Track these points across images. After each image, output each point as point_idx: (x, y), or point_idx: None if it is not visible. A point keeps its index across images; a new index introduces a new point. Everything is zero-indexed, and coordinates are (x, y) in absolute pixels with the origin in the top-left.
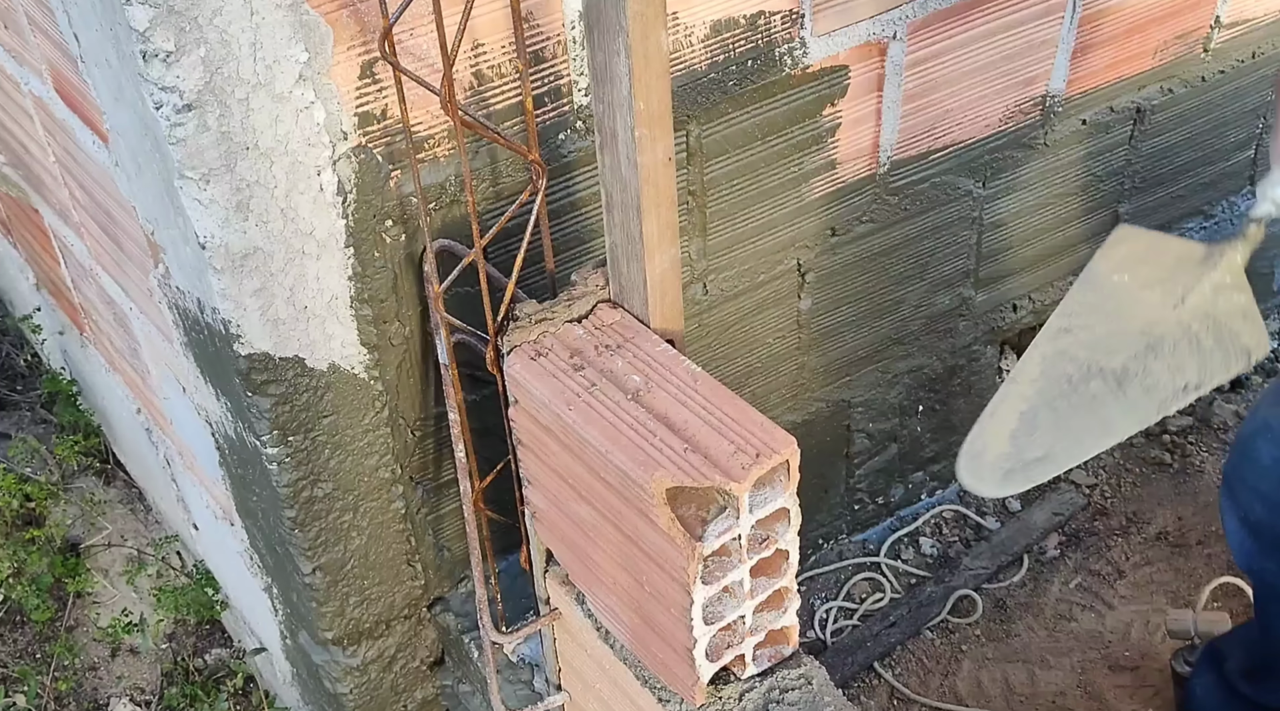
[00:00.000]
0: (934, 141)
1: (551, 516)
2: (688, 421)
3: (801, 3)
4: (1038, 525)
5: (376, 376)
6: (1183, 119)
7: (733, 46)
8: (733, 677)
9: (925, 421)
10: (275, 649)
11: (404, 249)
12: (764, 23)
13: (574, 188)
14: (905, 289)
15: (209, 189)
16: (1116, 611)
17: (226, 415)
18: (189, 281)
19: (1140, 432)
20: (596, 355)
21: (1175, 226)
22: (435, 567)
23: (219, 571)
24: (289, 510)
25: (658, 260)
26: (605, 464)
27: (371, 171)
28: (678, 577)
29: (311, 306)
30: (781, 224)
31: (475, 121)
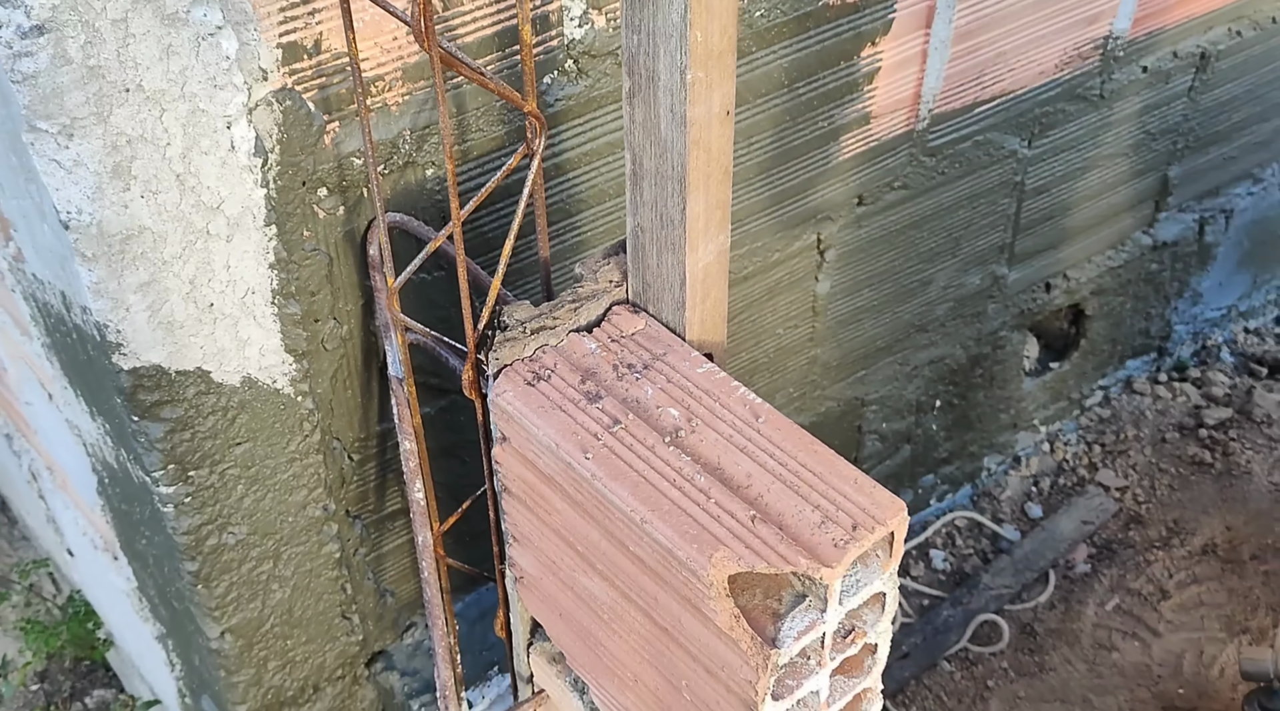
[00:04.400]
0: (981, 91)
1: (546, 586)
2: (751, 476)
3: None
4: (1064, 535)
5: (305, 391)
6: (1246, 67)
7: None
8: None
9: (941, 418)
10: (172, 703)
11: (342, 226)
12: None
13: (562, 146)
14: (935, 267)
15: (72, 146)
16: (1164, 639)
17: (105, 439)
18: (49, 270)
19: (1173, 425)
20: (617, 379)
21: (1223, 191)
22: (376, 617)
23: (101, 606)
24: (189, 563)
25: (701, 250)
26: (638, 535)
27: (300, 123)
28: (738, 691)
29: (219, 304)
30: (803, 190)
31: (459, 60)
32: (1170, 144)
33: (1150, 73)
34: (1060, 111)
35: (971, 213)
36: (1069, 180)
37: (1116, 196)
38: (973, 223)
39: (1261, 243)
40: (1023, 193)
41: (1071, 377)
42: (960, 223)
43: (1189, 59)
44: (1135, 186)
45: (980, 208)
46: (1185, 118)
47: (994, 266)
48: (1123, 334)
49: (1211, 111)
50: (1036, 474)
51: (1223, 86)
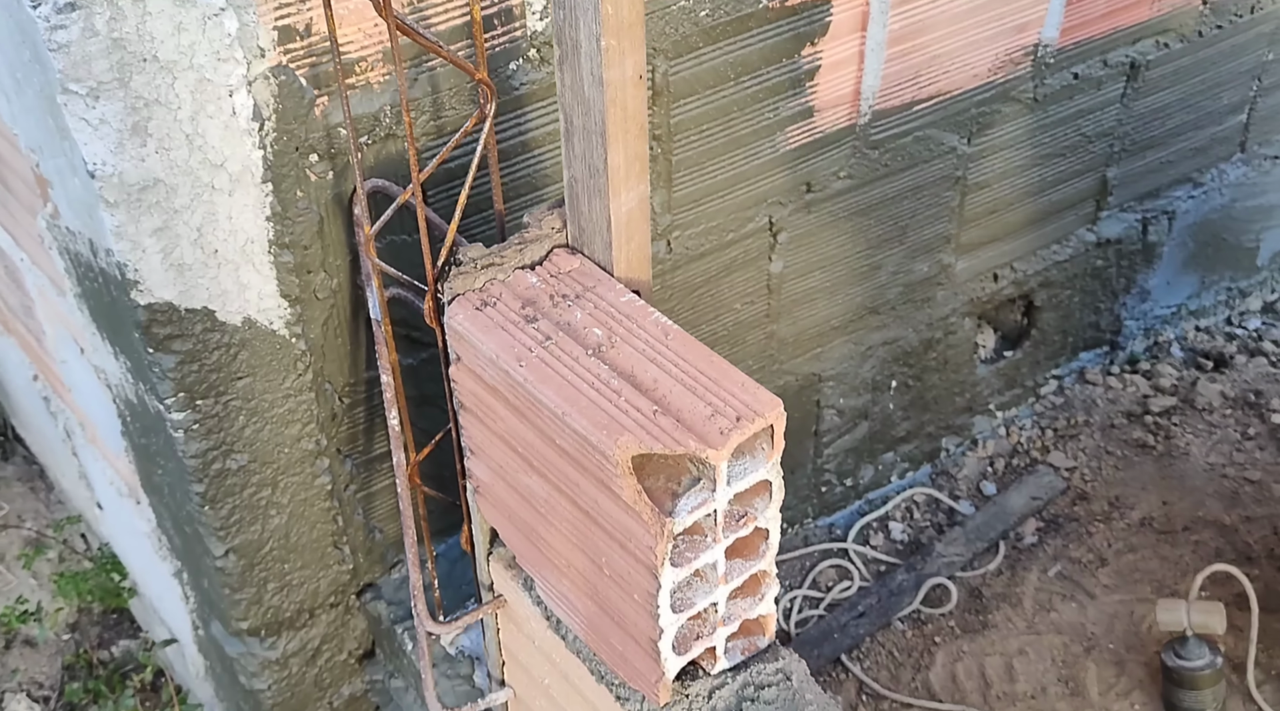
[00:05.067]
0: (919, 91)
1: (497, 491)
2: (657, 380)
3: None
4: (1015, 510)
5: (299, 334)
6: (1177, 77)
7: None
8: (701, 672)
9: (898, 398)
10: (187, 640)
11: (331, 188)
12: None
13: (527, 125)
14: (883, 253)
15: (98, 107)
16: (1099, 601)
17: (126, 376)
18: (79, 220)
19: (1122, 412)
20: (552, 306)
21: (1164, 193)
22: (365, 551)
23: (125, 555)
24: (198, 485)
25: (624, 197)
26: (561, 428)
27: (294, 96)
28: (643, 559)
29: (223, 250)
30: (754, 176)
31: (413, 29)
32: (1107, 147)
33: (1082, 79)
34: (996, 112)
35: (916, 203)
36: (1009, 177)
37: (1058, 194)
38: (918, 213)
39: (1206, 245)
40: (965, 187)
41: (1025, 366)
42: (906, 212)
43: (1119, 68)
44: (1075, 185)
45: (924, 199)
46: (1120, 122)
47: (941, 255)
48: (1073, 326)
49: (1145, 117)
50: (992, 455)
51: (1154, 94)
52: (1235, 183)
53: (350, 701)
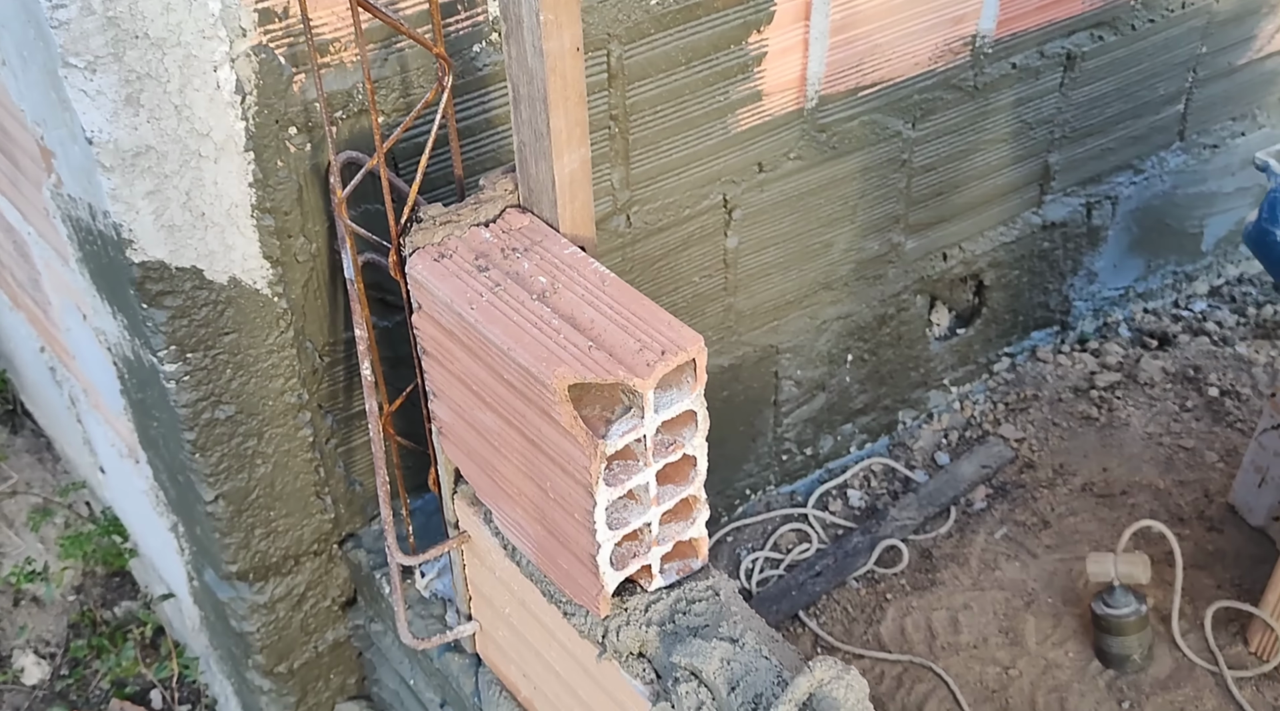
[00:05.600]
0: (862, 77)
1: (458, 429)
2: (594, 321)
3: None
4: (965, 478)
5: (281, 293)
6: (1113, 68)
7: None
8: (639, 589)
9: (854, 371)
10: (183, 593)
11: (309, 159)
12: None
13: (489, 104)
14: (834, 231)
15: (95, 79)
16: (1040, 560)
17: (123, 334)
18: (79, 186)
19: (1069, 388)
20: (503, 258)
21: (1105, 179)
22: (347, 502)
23: (126, 516)
24: (189, 433)
25: (566, 159)
26: (507, 363)
27: (273, 73)
28: (580, 479)
29: (210, 213)
30: (707, 156)
31: (373, 6)
32: (1047, 133)
33: (1020, 69)
34: (939, 98)
35: (865, 184)
36: (954, 160)
37: (1002, 178)
38: (866, 193)
39: (1150, 229)
40: (912, 169)
41: (978, 343)
42: (855, 193)
43: (1056, 59)
44: (1019, 170)
45: (873, 180)
46: (1059, 110)
47: (891, 234)
48: (1023, 305)
49: (1084, 106)
50: (947, 427)
51: (1092, 84)
52: (1176, 170)
53: (334, 646)
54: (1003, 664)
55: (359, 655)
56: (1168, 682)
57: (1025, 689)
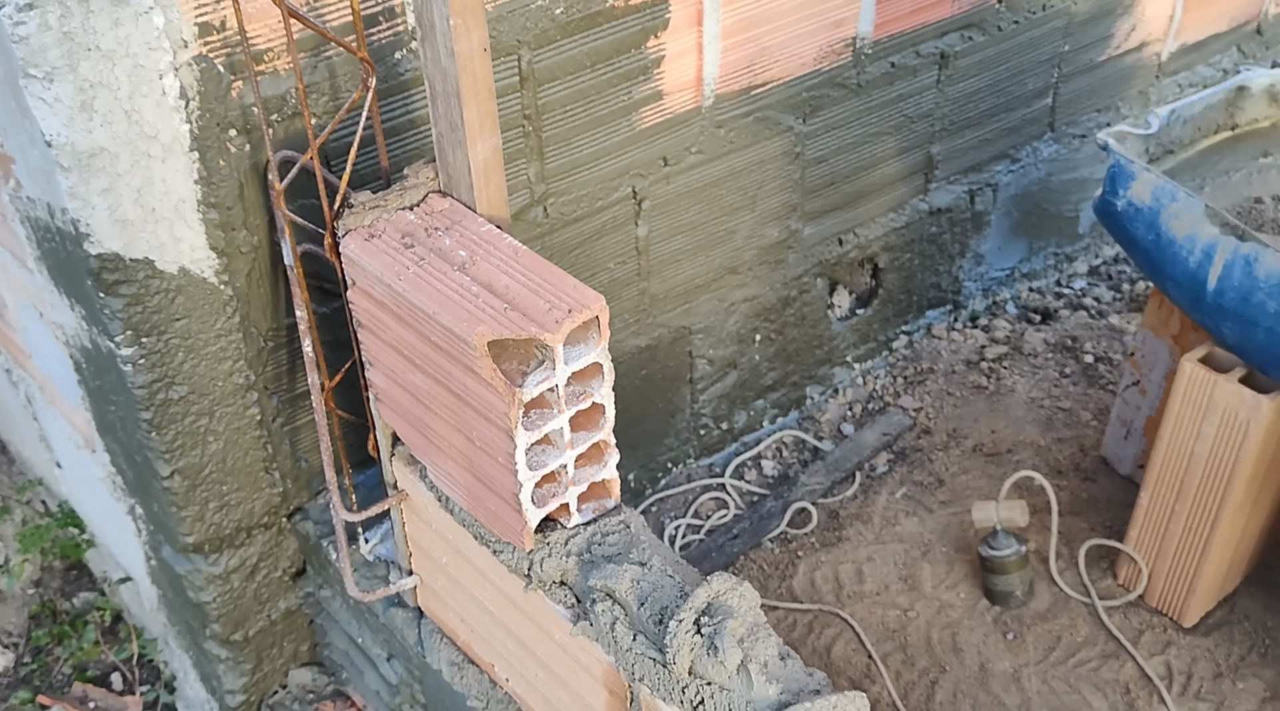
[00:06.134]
0: (754, 77)
1: (392, 394)
2: (509, 286)
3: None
4: (869, 445)
5: (226, 282)
6: (984, 65)
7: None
8: (559, 527)
9: (763, 350)
10: (141, 575)
11: (248, 158)
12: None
13: (411, 106)
14: (737, 220)
15: (53, 88)
16: (936, 514)
17: (81, 325)
18: (39, 187)
19: (962, 361)
20: (426, 236)
21: (985, 168)
22: (293, 477)
23: (83, 507)
24: (145, 413)
25: (480, 147)
26: (434, 326)
27: (213, 80)
28: (502, 425)
29: (159, 208)
30: (615, 151)
31: (300, 14)
32: (928, 126)
33: (898, 68)
34: (826, 96)
35: (762, 176)
36: (844, 153)
37: (889, 167)
38: (764, 184)
39: (1029, 214)
40: (805, 162)
41: (877, 322)
42: (754, 183)
43: (930, 58)
44: (905, 160)
45: (769, 172)
46: (937, 105)
47: (789, 222)
48: (916, 286)
49: (959, 101)
50: (851, 401)
51: (965, 81)
52: (1049, 158)
53: (286, 614)
54: (902, 607)
55: (310, 623)
56: (1046, 614)
57: (922, 627)
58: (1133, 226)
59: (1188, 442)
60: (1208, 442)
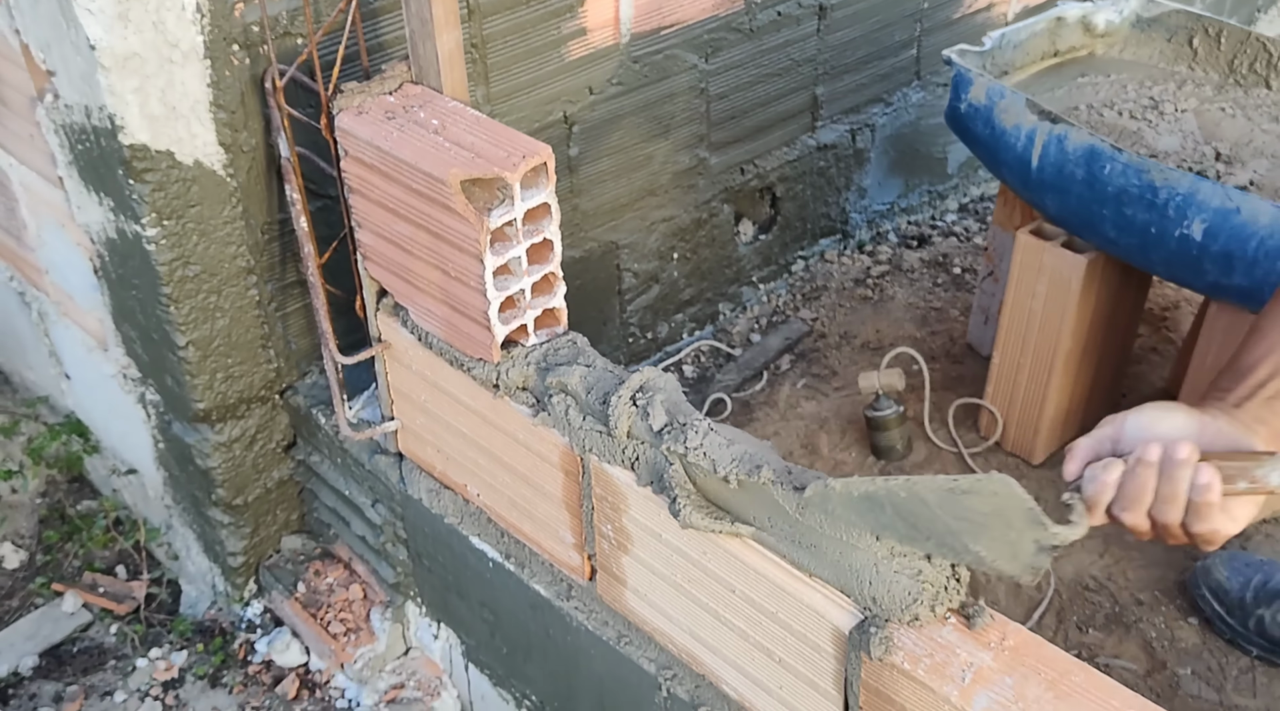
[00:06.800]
0: (663, 19)
1: (379, 248)
2: (474, 143)
3: None
4: (773, 348)
5: (232, 175)
6: (856, 18)
7: None
8: (520, 345)
9: (680, 267)
10: (147, 462)
11: (249, 72)
12: None
13: (381, 33)
14: (653, 146)
15: (96, 0)
16: (830, 398)
17: (109, 216)
18: (79, 91)
19: (851, 280)
20: (404, 112)
21: (863, 110)
22: (285, 357)
23: (89, 414)
24: (165, 287)
25: (445, 39)
26: (415, 173)
27: (220, 1)
28: (472, 251)
29: (179, 107)
30: (548, 79)
31: None
32: (812, 70)
33: (784, 16)
34: (723, 38)
35: (674, 108)
36: (741, 90)
37: (781, 105)
38: (675, 115)
39: (903, 153)
40: (709, 97)
41: (777, 247)
42: (666, 114)
43: (811, 9)
44: (794, 99)
45: (679, 104)
46: (819, 51)
47: (698, 151)
48: (809, 215)
49: (837, 48)
50: (757, 315)
51: (841, 31)
52: (917, 104)
53: (280, 483)
54: (805, 465)
55: (299, 493)
56: (923, 464)
57: None
58: (973, 124)
59: (1026, 303)
60: (1041, 300)
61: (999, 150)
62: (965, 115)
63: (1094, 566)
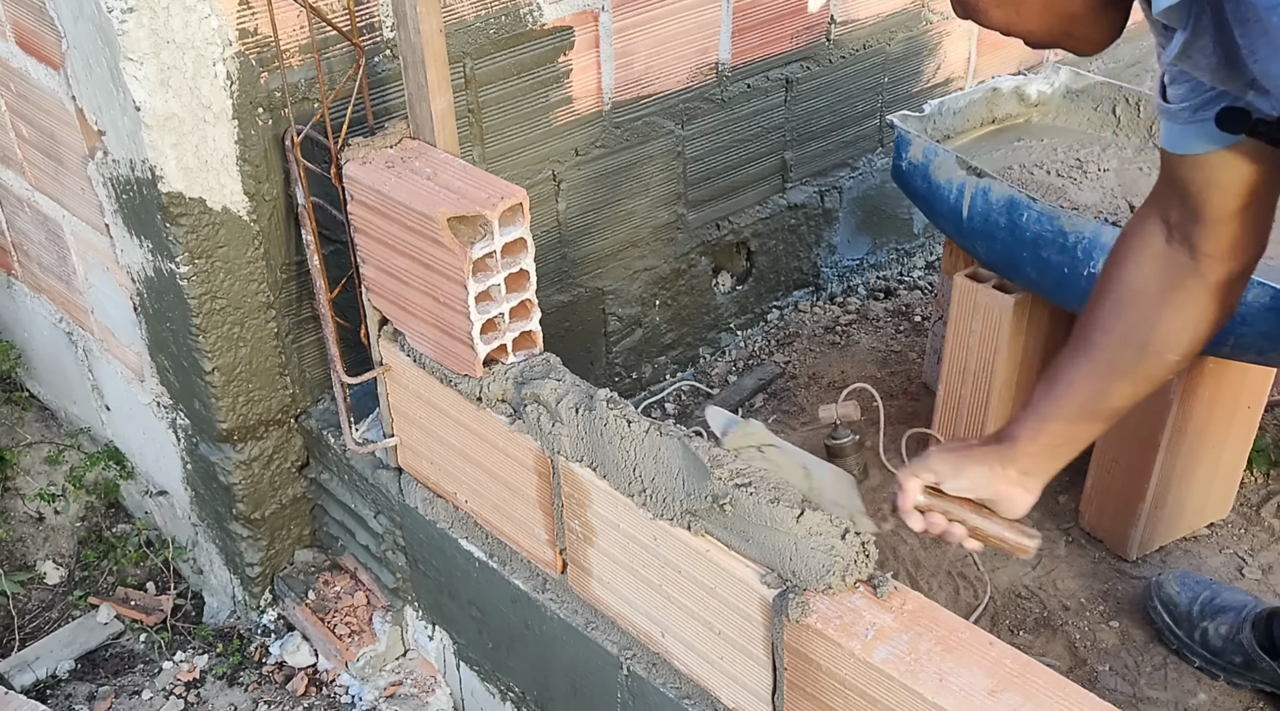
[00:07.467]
0: (642, 89)
1: (380, 280)
2: (462, 187)
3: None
4: (748, 387)
5: (255, 220)
6: (821, 90)
7: (490, 5)
8: (500, 363)
9: (662, 313)
10: (176, 484)
11: (271, 131)
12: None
13: (388, 99)
14: (635, 203)
15: (143, 68)
16: (798, 432)
17: (148, 256)
18: (125, 148)
19: (821, 327)
20: (402, 162)
21: (830, 173)
22: (300, 385)
23: (126, 442)
24: (195, 319)
25: (439, 101)
26: (410, 213)
27: (249, 70)
28: (458, 279)
29: (210, 161)
30: (538, 141)
31: (314, 7)
32: (781, 137)
33: (753, 88)
34: (698, 107)
35: (653, 168)
36: (716, 153)
37: (753, 168)
38: (655, 175)
39: (870, 213)
40: (685, 159)
41: (753, 297)
42: (646, 174)
43: (778, 81)
44: (765, 163)
45: (658, 166)
46: (787, 120)
47: (676, 207)
48: (783, 268)
49: (804, 117)
50: (735, 359)
51: (807, 102)
52: (881, 169)
53: (294, 500)
54: None
55: (311, 510)
56: (879, 490)
57: None
58: (913, 180)
59: (965, 340)
60: (977, 337)
61: (935, 202)
62: (906, 172)
63: (1027, 576)
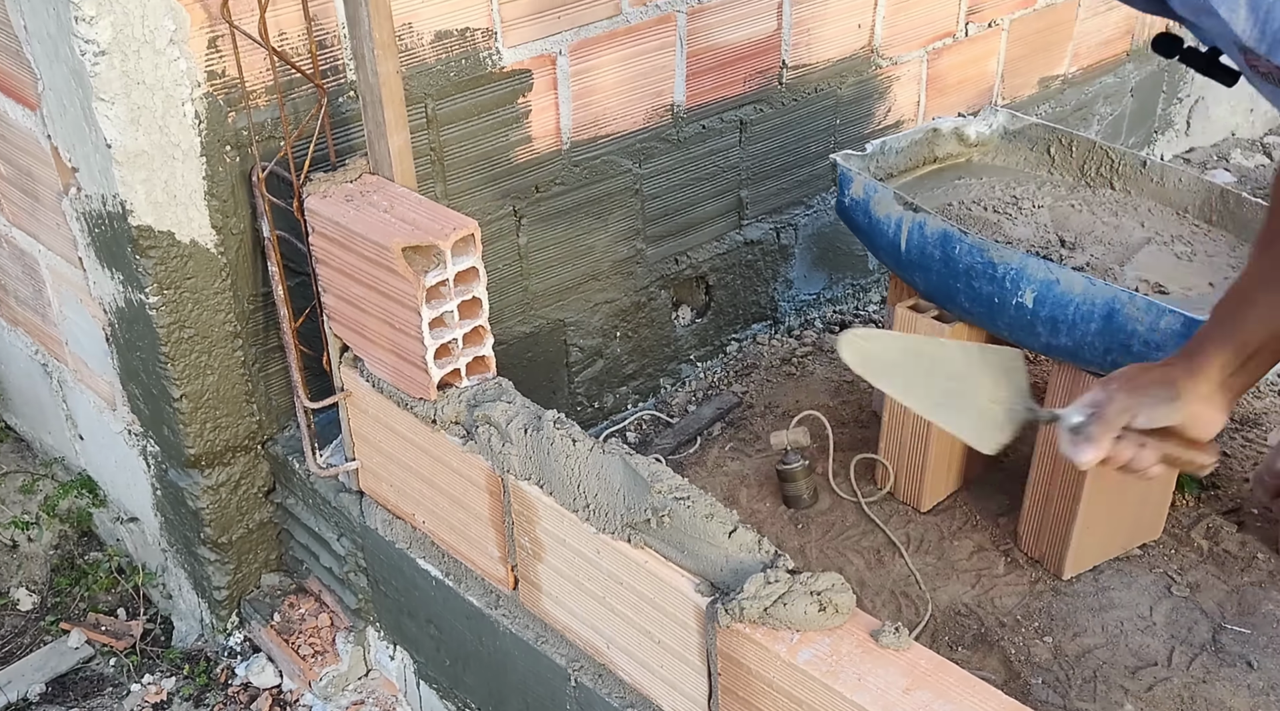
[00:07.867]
0: (599, 130)
1: (340, 309)
2: (417, 218)
3: (494, 23)
4: (706, 416)
5: (222, 253)
6: (774, 132)
7: (450, 49)
8: (454, 387)
9: (623, 345)
10: (146, 510)
11: (238, 167)
12: (470, 34)
13: (351, 137)
14: (594, 237)
15: (114, 108)
16: (753, 459)
17: (119, 288)
18: (96, 183)
19: (779, 359)
20: (361, 196)
21: (785, 211)
22: (266, 411)
23: (99, 470)
24: (164, 347)
25: (395, 138)
26: (366, 243)
27: (216, 109)
28: (412, 305)
29: (179, 195)
30: (499, 179)
31: (250, 35)
32: (736, 175)
33: (708, 129)
34: (654, 147)
35: (611, 205)
36: (673, 191)
37: (710, 206)
38: (613, 211)
39: (825, 250)
40: (643, 196)
41: (712, 330)
42: (605, 210)
43: (732, 123)
44: (721, 201)
45: (617, 202)
46: (741, 160)
47: (635, 242)
48: (741, 302)
49: (758, 157)
50: (695, 390)
51: (761, 143)
52: (835, 207)
53: (260, 525)
54: None
55: (277, 534)
56: (827, 512)
57: None
58: (855, 215)
59: None
60: None
61: (875, 236)
62: (848, 207)
63: (966, 595)
